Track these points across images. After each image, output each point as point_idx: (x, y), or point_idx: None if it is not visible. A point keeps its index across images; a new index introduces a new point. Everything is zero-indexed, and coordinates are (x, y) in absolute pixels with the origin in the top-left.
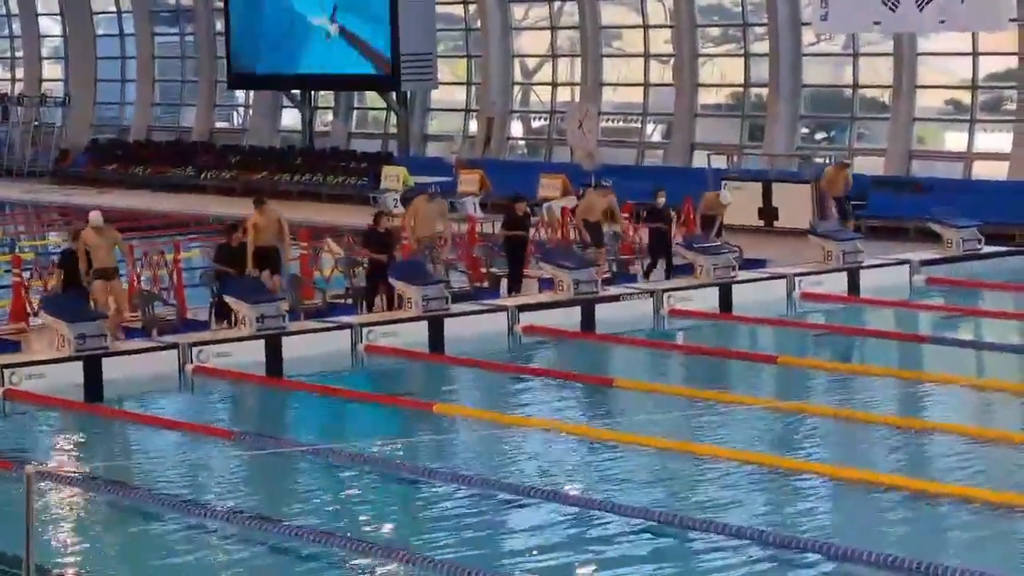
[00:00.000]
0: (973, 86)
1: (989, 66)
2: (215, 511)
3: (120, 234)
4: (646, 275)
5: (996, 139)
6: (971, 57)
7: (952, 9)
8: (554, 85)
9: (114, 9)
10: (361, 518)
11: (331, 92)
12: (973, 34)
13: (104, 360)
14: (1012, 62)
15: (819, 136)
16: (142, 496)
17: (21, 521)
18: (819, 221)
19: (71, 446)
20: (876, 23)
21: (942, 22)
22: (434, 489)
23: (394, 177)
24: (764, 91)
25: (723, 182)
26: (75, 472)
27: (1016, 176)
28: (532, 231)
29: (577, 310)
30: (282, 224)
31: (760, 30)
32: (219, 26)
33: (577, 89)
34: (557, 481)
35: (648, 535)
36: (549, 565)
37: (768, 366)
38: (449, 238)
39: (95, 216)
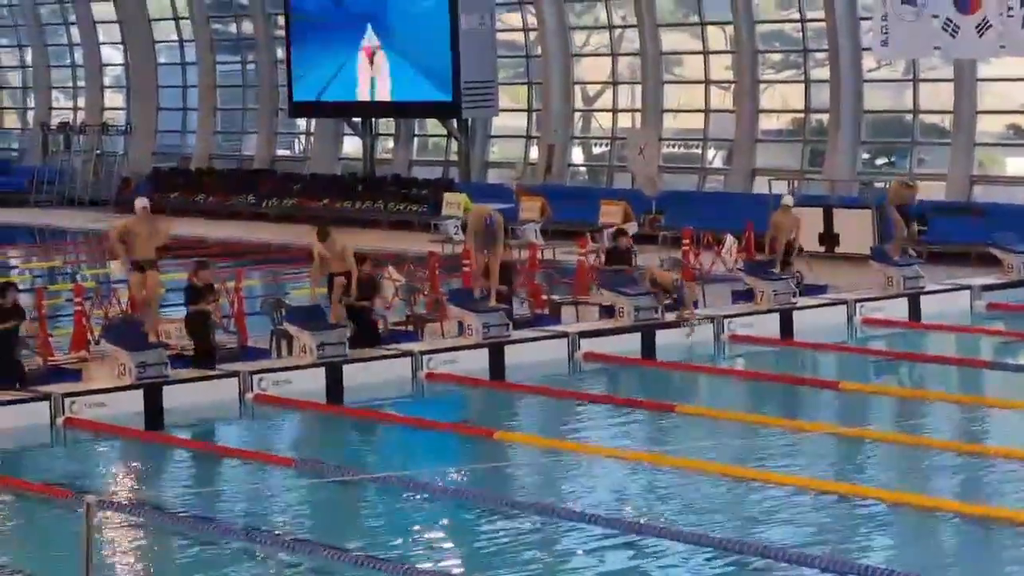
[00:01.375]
0: None
1: None
2: (277, 539)
3: (168, 227)
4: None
5: None
6: None
7: (1012, 34)
8: (615, 111)
9: (176, 38)
10: (423, 546)
11: (392, 119)
12: None
13: (164, 388)
14: None
15: (880, 161)
16: (204, 525)
17: (81, 551)
18: (880, 245)
19: (131, 475)
20: (936, 49)
21: (1002, 47)
22: (497, 517)
23: (455, 204)
24: (825, 117)
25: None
26: (136, 501)
27: None
28: (594, 257)
29: (637, 337)
30: (347, 253)
31: (820, 56)
32: (280, 54)
33: (638, 115)
34: (619, 508)
35: (711, 562)
36: None
37: (830, 392)
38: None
39: (141, 202)
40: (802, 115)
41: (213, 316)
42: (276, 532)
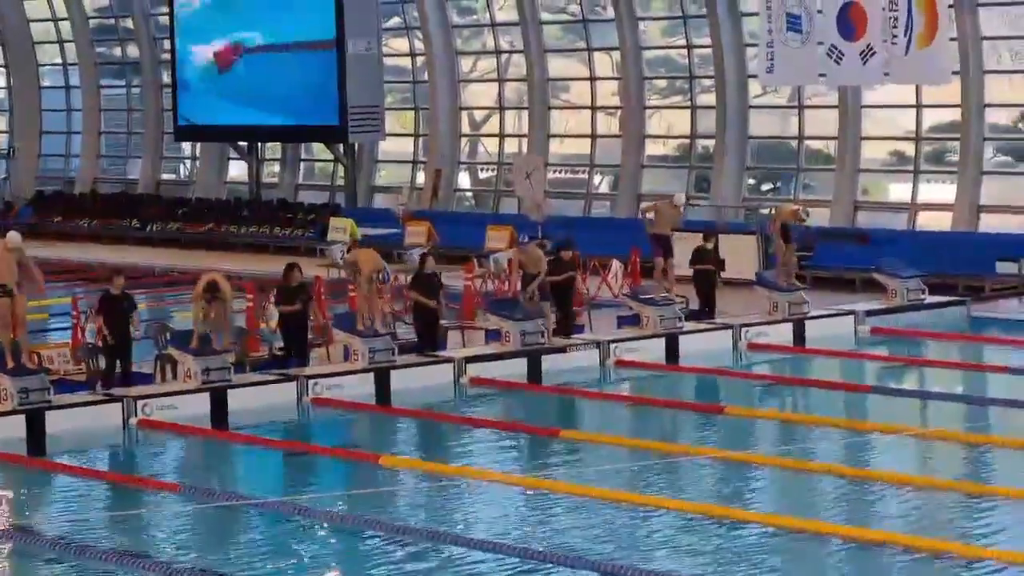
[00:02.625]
0: (917, 138)
1: (932, 118)
2: (160, 565)
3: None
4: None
5: (940, 190)
6: (915, 109)
7: (896, 63)
8: (501, 137)
9: (60, 61)
10: (307, 572)
11: (278, 144)
12: (917, 87)
13: (47, 413)
14: (955, 114)
15: (765, 187)
16: (87, 552)
17: None
18: (764, 271)
19: (13, 501)
20: (821, 76)
21: (886, 75)
22: (381, 542)
23: (341, 229)
24: (711, 142)
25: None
26: (17, 528)
27: (959, 227)
28: (480, 282)
29: (523, 361)
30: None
31: (707, 82)
32: (166, 78)
33: (524, 141)
34: (503, 532)
35: None
36: None
37: (715, 416)
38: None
39: (13, 235)
40: (688, 141)
41: (132, 328)
42: (160, 558)
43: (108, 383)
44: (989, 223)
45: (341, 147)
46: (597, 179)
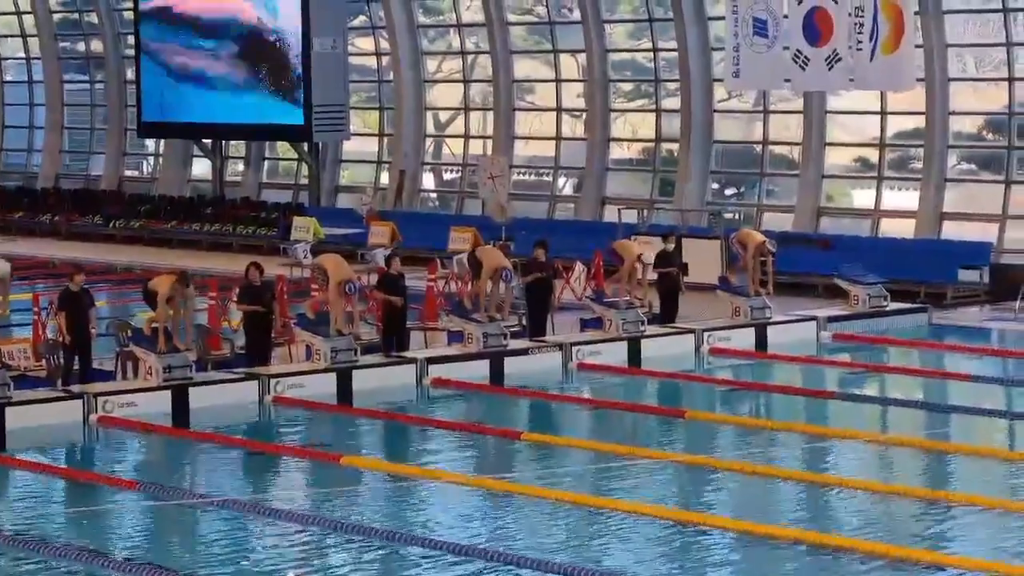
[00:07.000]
0: (881, 144)
1: (897, 125)
2: (118, 562)
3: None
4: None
5: (903, 197)
6: (879, 116)
7: (861, 69)
8: (466, 138)
9: (23, 55)
10: (266, 571)
11: (242, 142)
12: (881, 93)
13: (7, 409)
14: (919, 121)
15: (729, 192)
16: (45, 548)
17: None
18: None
19: None
20: (786, 81)
21: (851, 80)
22: (342, 542)
23: (304, 228)
24: (675, 146)
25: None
26: None
27: (922, 234)
28: (443, 283)
29: (486, 363)
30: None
31: (672, 86)
32: (129, 74)
33: (489, 142)
34: (463, 534)
35: None
36: None
37: (676, 420)
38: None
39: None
40: (653, 144)
41: (91, 324)
42: (117, 555)
43: (67, 379)
44: (952, 230)
45: (305, 146)
46: (561, 181)
